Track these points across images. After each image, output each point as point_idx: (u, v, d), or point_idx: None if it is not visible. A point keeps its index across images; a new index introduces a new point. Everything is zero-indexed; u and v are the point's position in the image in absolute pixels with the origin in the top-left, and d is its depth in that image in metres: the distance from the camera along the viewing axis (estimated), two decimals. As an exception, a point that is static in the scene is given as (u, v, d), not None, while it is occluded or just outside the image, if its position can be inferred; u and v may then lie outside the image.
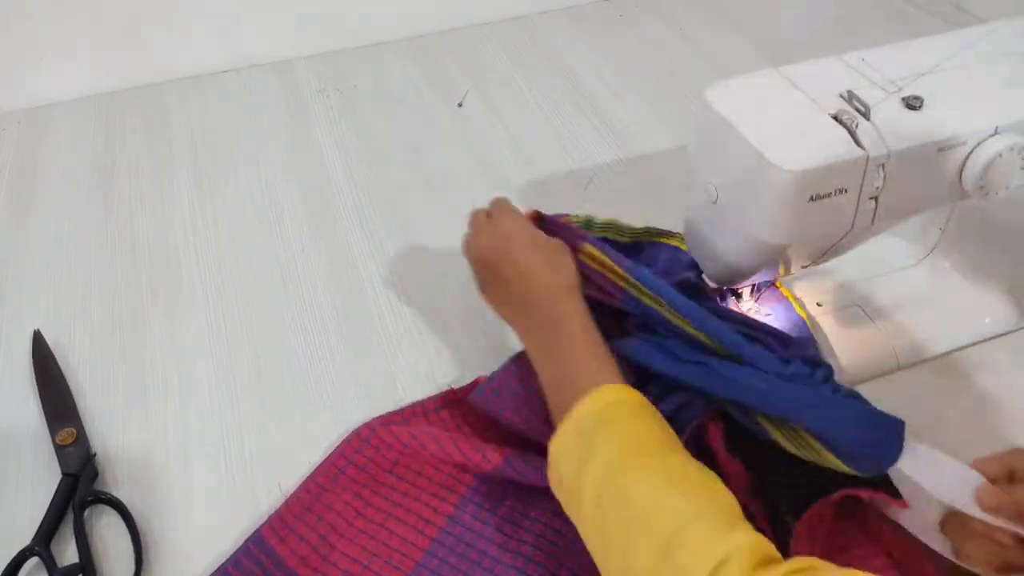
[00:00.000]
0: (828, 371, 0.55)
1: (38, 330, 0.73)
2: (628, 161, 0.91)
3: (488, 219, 0.64)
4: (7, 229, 0.85)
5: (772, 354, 0.55)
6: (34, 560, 0.57)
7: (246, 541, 0.58)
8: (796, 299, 0.70)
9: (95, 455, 0.63)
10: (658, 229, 0.68)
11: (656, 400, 0.53)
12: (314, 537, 0.58)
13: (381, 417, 0.64)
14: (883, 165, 0.51)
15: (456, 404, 0.65)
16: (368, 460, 0.61)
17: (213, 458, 0.64)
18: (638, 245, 0.68)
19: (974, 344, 0.69)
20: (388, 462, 0.61)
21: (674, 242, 0.67)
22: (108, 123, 0.99)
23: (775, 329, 0.59)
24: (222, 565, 0.56)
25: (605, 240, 0.65)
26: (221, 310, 0.76)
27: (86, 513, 0.60)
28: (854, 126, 0.51)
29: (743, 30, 1.11)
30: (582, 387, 0.50)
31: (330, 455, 0.62)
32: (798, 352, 0.56)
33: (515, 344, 0.71)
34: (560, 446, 0.49)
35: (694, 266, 0.64)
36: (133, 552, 0.58)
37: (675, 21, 1.14)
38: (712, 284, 0.68)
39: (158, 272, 0.80)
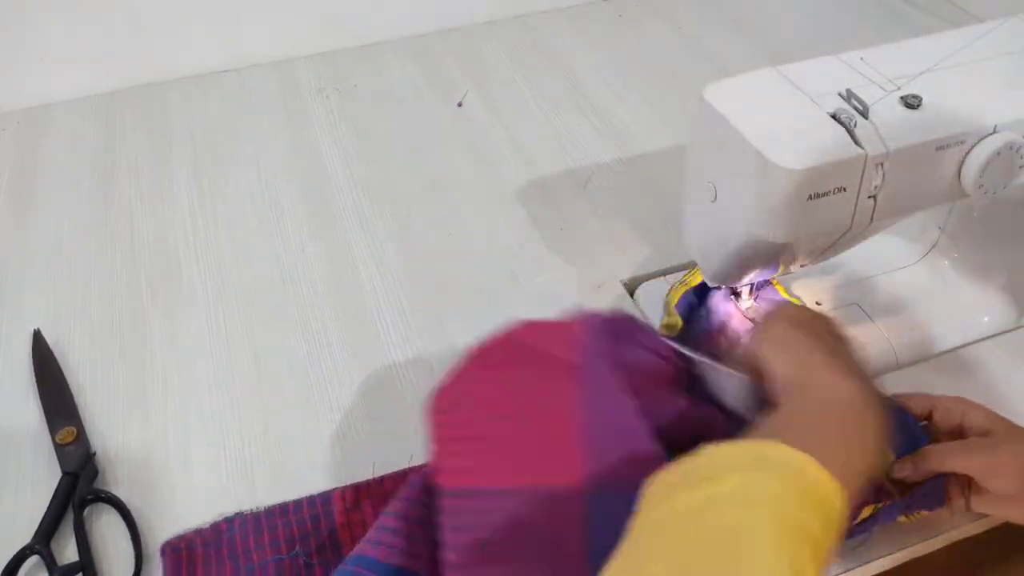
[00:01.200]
0: None
1: (38, 329, 0.73)
2: (628, 161, 0.91)
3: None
4: (7, 229, 0.85)
5: None
6: (34, 559, 0.57)
7: (314, 496, 0.60)
8: (795, 298, 0.71)
9: (95, 454, 0.63)
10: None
11: None
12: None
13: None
14: (882, 164, 0.51)
15: None
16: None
17: (213, 457, 0.64)
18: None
19: (973, 343, 0.69)
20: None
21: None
22: (108, 123, 0.99)
23: None
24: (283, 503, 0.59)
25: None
26: (221, 310, 0.76)
27: (86, 512, 0.60)
28: (853, 125, 0.51)
29: (743, 30, 1.11)
30: (797, 434, 0.40)
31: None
32: None
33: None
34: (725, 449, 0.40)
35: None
36: (133, 551, 0.58)
37: (675, 21, 1.14)
38: (712, 283, 0.68)
39: (158, 272, 0.80)
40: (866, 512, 0.53)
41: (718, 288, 0.69)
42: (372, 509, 0.58)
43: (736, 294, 0.71)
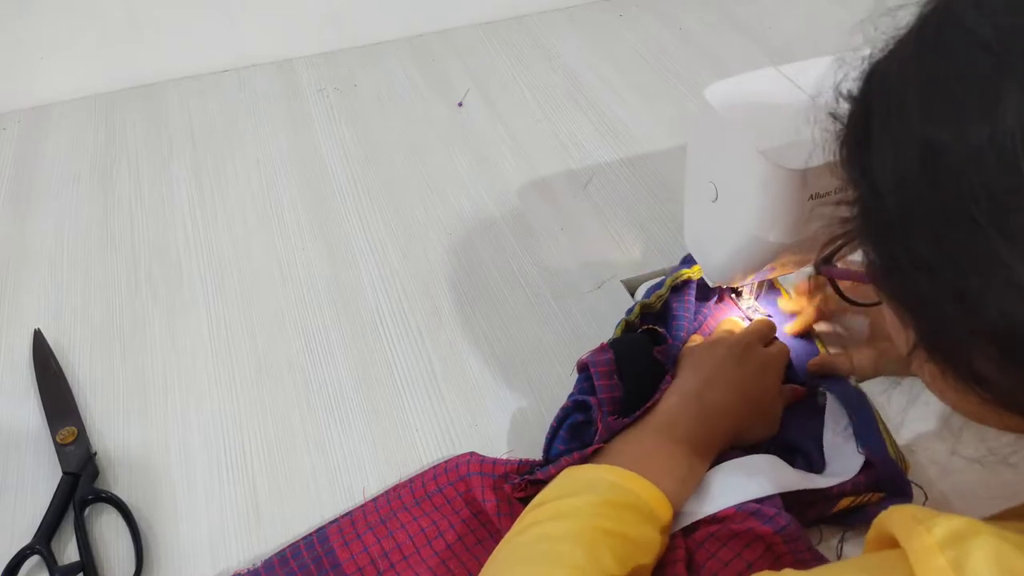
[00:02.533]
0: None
1: (39, 329, 0.73)
2: (628, 161, 0.91)
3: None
4: (8, 229, 0.85)
5: None
6: (35, 558, 0.57)
7: (310, 533, 0.57)
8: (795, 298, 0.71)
9: (95, 454, 0.63)
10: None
11: None
12: (377, 551, 0.56)
13: (483, 460, 0.60)
14: (883, 164, 0.51)
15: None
16: (458, 495, 0.59)
17: (213, 456, 0.64)
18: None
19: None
20: (476, 506, 0.58)
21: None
22: (108, 122, 0.99)
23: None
24: (281, 550, 0.56)
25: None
26: (221, 309, 0.76)
27: (87, 512, 0.60)
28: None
29: (743, 30, 1.11)
30: (628, 457, 0.54)
31: (423, 473, 0.60)
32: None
33: (511, 345, 0.71)
34: (578, 473, 0.54)
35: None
36: (133, 550, 0.58)
37: (675, 21, 1.14)
38: (712, 283, 0.68)
39: (158, 271, 0.80)
40: (845, 503, 0.56)
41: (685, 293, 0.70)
42: (373, 536, 0.57)
43: (737, 293, 0.72)
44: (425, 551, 0.56)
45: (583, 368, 0.61)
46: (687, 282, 0.69)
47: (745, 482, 0.55)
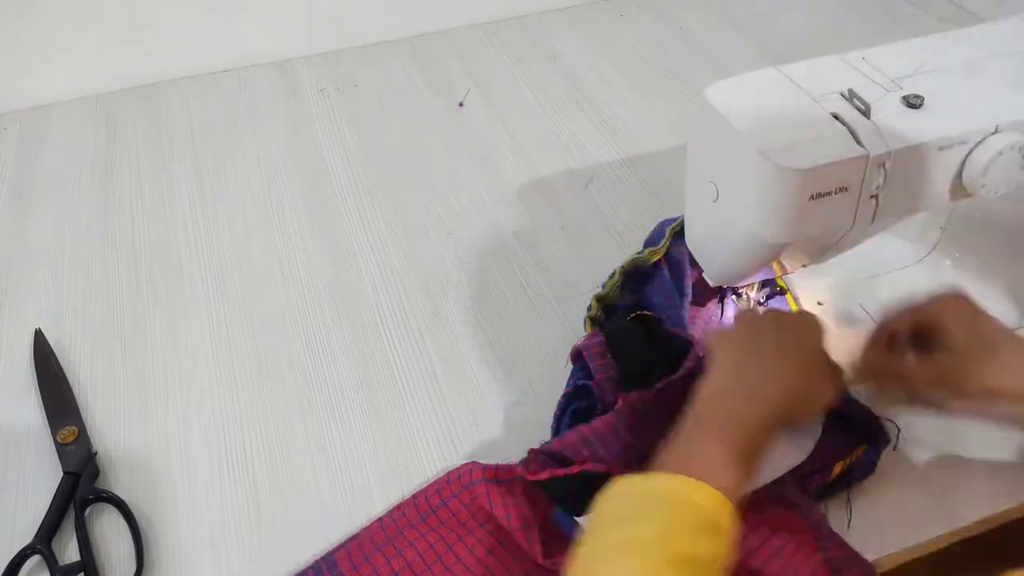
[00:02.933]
0: None
1: (39, 329, 0.73)
2: (628, 161, 0.91)
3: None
4: (8, 229, 0.85)
5: None
6: (36, 558, 0.57)
7: (318, 560, 0.56)
8: (796, 298, 0.71)
9: (96, 454, 0.63)
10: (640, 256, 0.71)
11: None
12: (388, 572, 0.55)
13: (485, 466, 0.59)
14: (884, 164, 0.51)
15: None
16: (463, 507, 0.58)
17: (214, 456, 0.64)
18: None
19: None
20: (484, 515, 0.57)
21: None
22: (108, 122, 0.99)
23: None
24: None
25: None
26: (222, 309, 0.76)
27: (87, 511, 0.60)
28: (855, 125, 0.51)
29: (743, 30, 1.11)
30: (704, 470, 0.48)
31: (425, 489, 0.59)
32: None
33: (511, 345, 0.71)
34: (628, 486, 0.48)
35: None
36: (134, 550, 0.58)
37: (675, 21, 1.14)
38: (712, 283, 0.68)
39: (159, 271, 0.80)
40: (837, 469, 0.56)
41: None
42: (382, 557, 0.56)
43: (737, 294, 0.72)
44: (436, 568, 0.55)
45: (577, 356, 0.62)
46: (656, 265, 0.70)
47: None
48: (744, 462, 0.49)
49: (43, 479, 0.62)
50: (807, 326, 0.56)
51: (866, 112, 0.52)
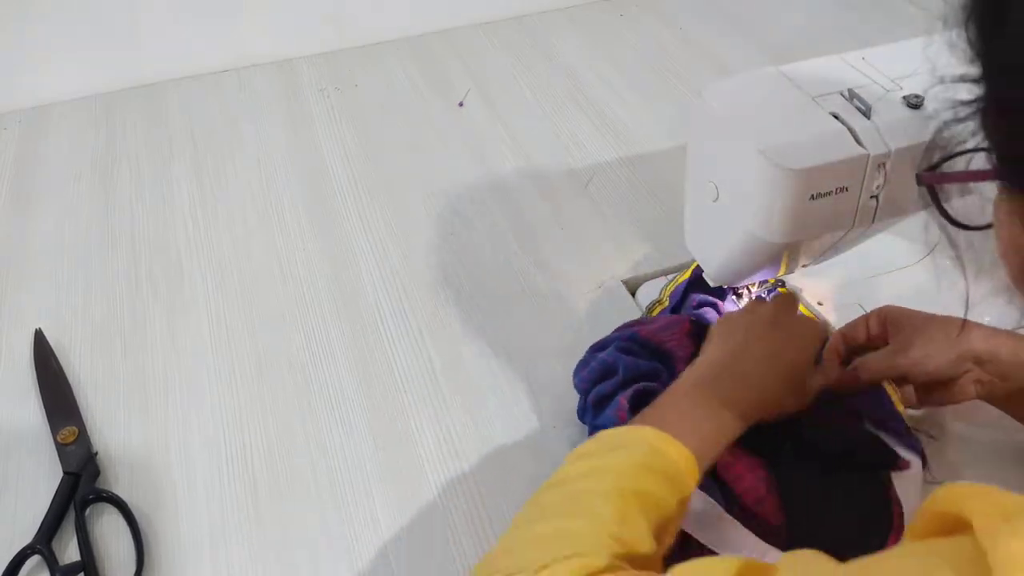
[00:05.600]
0: None
1: (39, 329, 0.73)
2: (628, 160, 0.91)
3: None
4: (8, 229, 0.85)
5: None
6: (36, 558, 0.57)
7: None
8: (798, 299, 0.71)
9: (96, 454, 0.63)
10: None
11: None
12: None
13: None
14: (884, 164, 0.51)
15: None
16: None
17: (214, 456, 0.64)
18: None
19: (974, 343, 0.69)
20: None
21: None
22: (108, 122, 0.99)
23: None
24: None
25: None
26: (222, 309, 0.76)
27: (87, 511, 0.60)
28: (854, 125, 0.51)
29: (743, 30, 1.11)
30: (659, 416, 0.53)
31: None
32: None
33: (511, 344, 0.71)
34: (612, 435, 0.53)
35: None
36: (134, 550, 0.58)
37: (675, 21, 1.14)
38: (713, 283, 0.68)
39: (159, 271, 0.80)
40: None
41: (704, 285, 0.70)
42: None
43: (737, 294, 0.72)
44: None
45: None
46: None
47: None
48: (717, 436, 0.53)
49: (43, 479, 0.62)
50: (805, 334, 0.59)
51: (866, 112, 0.52)
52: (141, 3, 0.99)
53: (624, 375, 0.60)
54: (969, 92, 0.34)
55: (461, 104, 1.00)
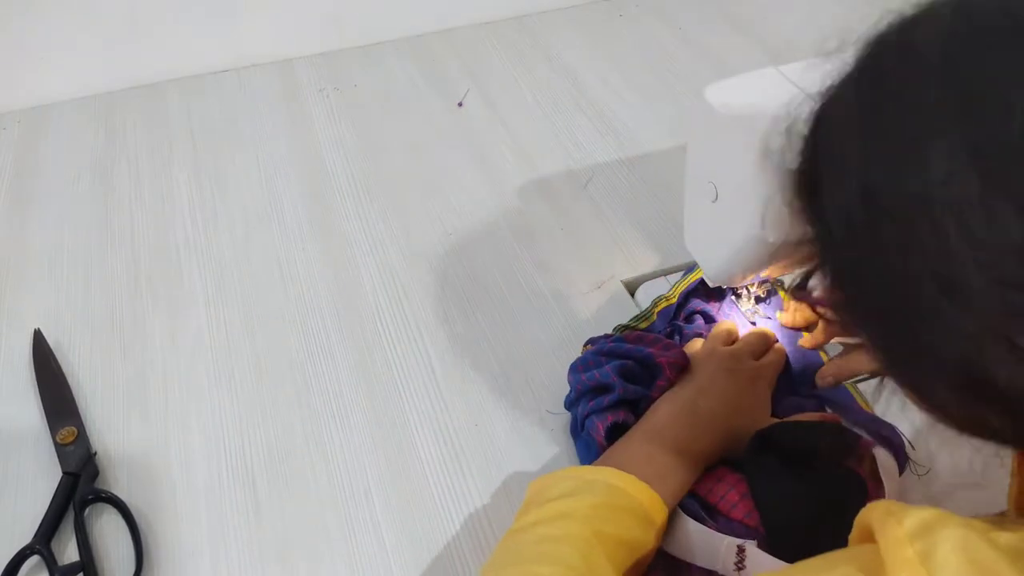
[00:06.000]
0: None
1: (39, 329, 0.73)
2: (628, 161, 0.91)
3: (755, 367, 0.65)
4: (8, 229, 0.85)
5: None
6: (35, 558, 0.57)
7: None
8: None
9: (95, 454, 0.63)
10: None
11: None
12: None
13: None
14: (883, 164, 0.51)
15: None
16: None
17: (213, 456, 0.64)
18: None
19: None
20: None
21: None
22: (108, 123, 0.99)
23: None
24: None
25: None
26: (221, 309, 0.76)
27: (87, 512, 0.60)
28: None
29: (743, 30, 1.11)
30: (640, 470, 0.55)
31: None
32: None
33: (511, 344, 0.71)
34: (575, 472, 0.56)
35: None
36: (134, 550, 0.58)
37: (675, 21, 1.14)
38: (712, 283, 0.68)
39: (158, 271, 0.80)
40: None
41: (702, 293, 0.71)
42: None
43: (737, 294, 0.72)
44: None
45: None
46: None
47: None
48: (677, 480, 0.55)
49: (42, 479, 0.62)
50: (762, 377, 0.63)
51: (866, 112, 0.52)
52: (141, 3, 0.99)
53: (613, 399, 0.61)
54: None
55: (461, 104, 1.00)
